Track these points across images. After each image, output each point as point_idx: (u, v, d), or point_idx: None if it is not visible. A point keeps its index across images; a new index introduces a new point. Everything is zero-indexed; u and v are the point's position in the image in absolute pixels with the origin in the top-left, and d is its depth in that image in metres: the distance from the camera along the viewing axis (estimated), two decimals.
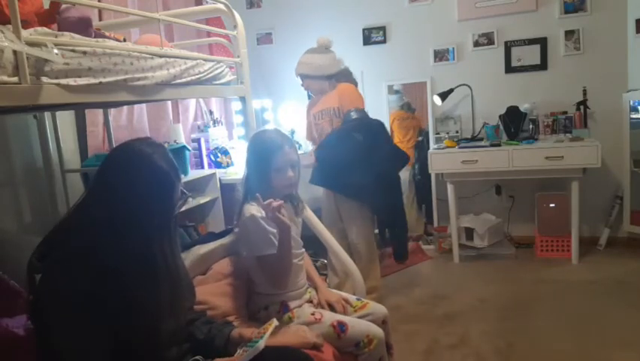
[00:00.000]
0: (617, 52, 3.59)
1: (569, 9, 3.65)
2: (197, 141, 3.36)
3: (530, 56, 3.77)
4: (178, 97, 2.46)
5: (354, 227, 2.79)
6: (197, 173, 3.10)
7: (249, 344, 1.32)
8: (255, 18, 4.27)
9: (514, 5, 3.73)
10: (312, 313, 1.71)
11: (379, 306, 1.91)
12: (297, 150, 1.77)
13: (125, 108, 2.84)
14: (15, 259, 1.38)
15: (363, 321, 1.76)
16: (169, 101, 3.22)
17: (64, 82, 1.19)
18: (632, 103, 3.50)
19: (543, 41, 3.73)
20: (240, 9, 4.21)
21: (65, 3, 1.43)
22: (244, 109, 2.24)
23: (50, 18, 1.43)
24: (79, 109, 2.45)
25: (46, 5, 1.44)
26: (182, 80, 1.68)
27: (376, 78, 4.09)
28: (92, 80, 1.27)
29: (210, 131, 3.49)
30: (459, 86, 3.84)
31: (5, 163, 2.14)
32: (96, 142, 2.62)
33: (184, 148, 2.87)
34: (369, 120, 2.82)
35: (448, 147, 3.62)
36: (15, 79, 1.06)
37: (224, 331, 1.42)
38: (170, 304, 1.26)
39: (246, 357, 1.25)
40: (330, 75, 2.87)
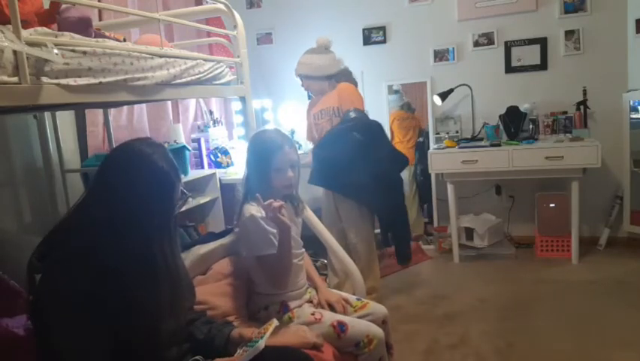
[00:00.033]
0: (617, 52, 3.59)
1: (569, 9, 3.65)
2: (197, 141, 3.36)
3: (530, 56, 3.77)
4: (178, 97, 2.46)
5: (353, 227, 2.79)
6: (197, 173, 3.10)
7: (249, 344, 1.32)
8: (255, 18, 4.27)
9: (514, 5, 3.73)
10: (312, 313, 1.71)
11: (379, 306, 1.91)
12: (297, 150, 1.77)
13: (125, 108, 2.84)
14: (15, 259, 1.38)
15: (363, 321, 1.76)
16: (169, 101, 3.22)
17: (64, 82, 1.19)
18: (632, 103, 3.50)
19: (543, 41, 3.73)
20: (240, 9, 4.21)
21: (65, 3, 1.43)
22: (244, 109, 2.24)
23: (50, 18, 1.43)
24: (79, 109, 2.45)
25: (46, 5, 1.44)
26: (182, 80, 1.68)
27: (376, 78, 4.09)
28: (92, 80, 1.27)
29: (210, 131, 3.50)
30: (459, 86, 3.84)
31: (5, 163, 2.14)
32: (96, 142, 2.62)
33: (184, 148, 2.87)
34: (367, 120, 2.82)
35: (448, 147, 3.63)
36: (15, 79, 1.06)
37: (224, 331, 1.42)
38: (170, 304, 1.26)
39: (246, 357, 1.25)
40: (330, 75, 2.87)
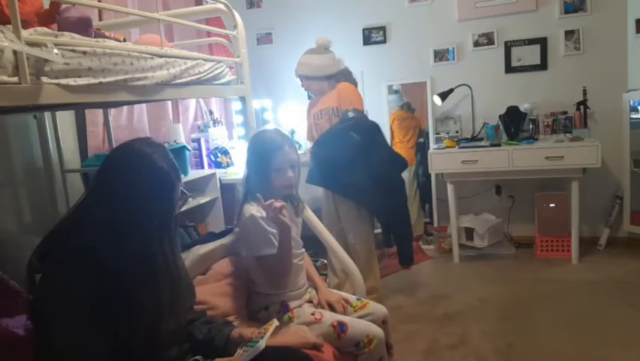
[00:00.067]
0: (617, 52, 3.59)
1: (569, 9, 3.65)
2: (197, 141, 3.36)
3: (530, 56, 3.77)
4: (178, 97, 2.46)
5: (352, 227, 2.79)
6: (197, 173, 3.09)
7: (249, 344, 1.32)
8: (255, 18, 4.27)
9: (514, 5, 3.73)
10: (312, 313, 1.71)
11: (379, 306, 1.91)
12: (297, 150, 1.77)
13: (125, 108, 2.84)
14: (15, 259, 1.38)
15: (363, 321, 1.76)
16: (169, 101, 3.22)
17: (64, 82, 1.19)
18: (632, 103, 3.50)
19: (543, 41, 3.73)
20: (240, 9, 4.21)
21: (65, 3, 1.43)
22: (244, 109, 2.24)
23: (50, 18, 1.43)
24: (79, 109, 2.45)
25: (46, 5, 1.44)
26: (182, 80, 1.68)
27: (376, 78, 4.09)
28: (92, 80, 1.27)
29: (210, 131, 3.49)
30: (459, 86, 3.85)
31: (5, 163, 2.14)
32: (96, 142, 2.62)
33: (184, 148, 2.87)
34: (366, 121, 2.81)
35: (448, 147, 3.63)
36: (15, 79, 1.06)
37: (223, 331, 1.42)
38: (170, 304, 1.26)
39: (247, 357, 1.25)
40: (330, 75, 2.87)
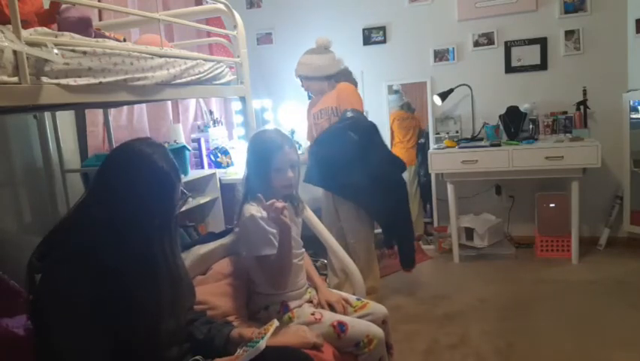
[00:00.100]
0: (617, 52, 3.59)
1: (569, 9, 3.65)
2: (197, 141, 3.36)
3: (530, 56, 3.77)
4: (178, 97, 2.46)
5: (352, 228, 2.79)
6: (197, 173, 3.09)
7: (249, 344, 1.32)
8: (255, 18, 4.27)
9: (514, 5, 3.73)
10: (312, 313, 1.71)
11: (379, 306, 1.91)
12: (297, 150, 1.77)
13: (125, 108, 2.84)
14: (15, 259, 1.38)
15: (363, 321, 1.76)
16: (169, 101, 3.22)
17: (64, 82, 1.19)
18: (632, 103, 3.50)
19: (543, 41, 3.73)
20: (240, 9, 4.21)
21: (65, 3, 1.43)
22: (244, 109, 2.24)
23: (50, 18, 1.43)
24: (79, 109, 2.45)
25: (46, 5, 1.44)
26: (182, 80, 1.68)
27: (376, 78, 4.09)
28: (92, 80, 1.27)
29: (210, 131, 3.49)
30: (459, 86, 3.85)
31: (5, 163, 2.14)
32: (96, 142, 2.62)
33: (184, 148, 2.86)
34: (363, 121, 2.79)
35: (448, 147, 3.63)
36: (15, 79, 1.06)
37: (223, 331, 1.42)
38: (170, 304, 1.26)
39: (247, 357, 1.25)
40: (329, 76, 2.87)
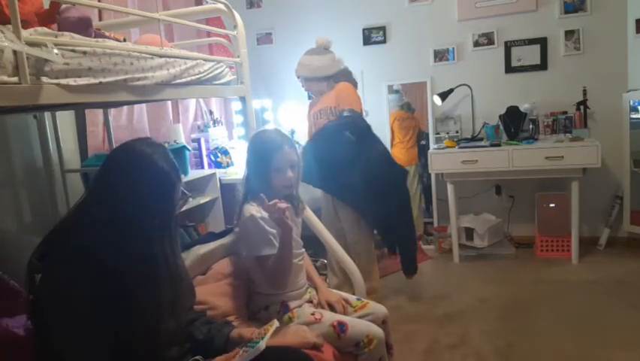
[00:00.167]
0: (617, 52, 3.59)
1: (569, 9, 3.65)
2: (197, 141, 3.36)
3: (530, 56, 3.77)
4: (178, 97, 2.46)
5: (351, 228, 2.78)
6: (197, 173, 3.09)
7: (249, 344, 1.31)
8: (255, 18, 4.27)
9: (514, 5, 3.73)
10: (312, 313, 1.71)
11: (379, 306, 1.91)
12: (297, 150, 1.77)
13: (125, 108, 2.84)
14: (15, 259, 1.38)
15: (363, 321, 1.76)
16: (169, 101, 3.22)
17: (64, 82, 1.19)
18: (632, 103, 3.50)
19: (543, 41, 3.73)
20: (240, 9, 4.21)
21: (65, 3, 1.43)
22: (244, 109, 2.24)
23: (50, 18, 1.43)
24: (79, 109, 2.45)
25: (46, 5, 1.44)
26: (182, 80, 1.68)
27: (376, 78, 4.09)
28: (92, 80, 1.27)
29: (210, 131, 3.49)
30: (459, 86, 3.85)
31: (5, 163, 2.14)
32: (96, 142, 2.62)
33: (184, 148, 2.86)
34: (360, 122, 2.76)
35: (448, 147, 3.63)
36: (15, 79, 1.06)
37: (223, 331, 1.42)
38: (171, 304, 1.26)
39: (247, 357, 1.25)
40: (328, 76, 2.87)
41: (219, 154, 3.39)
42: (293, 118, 4.09)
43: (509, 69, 3.83)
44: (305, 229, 1.94)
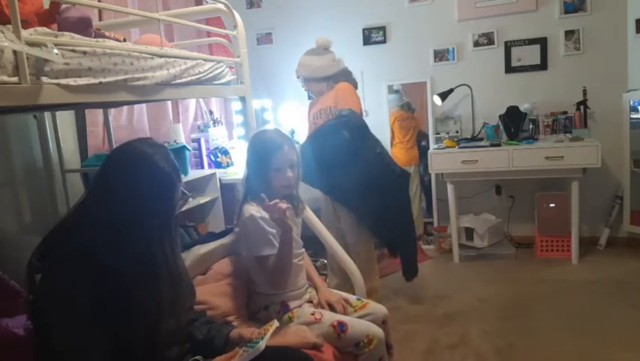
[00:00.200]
0: (617, 52, 3.59)
1: (569, 9, 3.65)
2: (197, 141, 3.36)
3: (530, 56, 3.77)
4: (178, 97, 2.46)
5: (351, 228, 2.77)
6: (197, 173, 3.09)
7: (249, 344, 1.31)
8: (255, 18, 4.27)
9: (514, 5, 3.73)
10: (312, 313, 1.71)
11: (379, 306, 1.91)
12: (297, 151, 1.77)
13: (125, 108, 2.84)
14: (15, 259, 1.38)
15: (363, 321, 1.76)
16: (169, 101, 3.21)
17: (64, 82, 1.19)
18: (632, 103, 3.50)
19: (543, 41, 3.73)
20: (240, 9, 4.21)
21: (65, 3, 1.43)
22: (244, 109, 2.24)
23: (50, 18, 1.43)
24: (79, 109, 2.45)
25: (46, 5, 1.44)
26: (182, 80, 1.68)
27: (376, 78, 4.09)
28: (92, 80, 1.27)
29: (210, 131, 3.49)
30: (459, 86, 3.85)
31: (5, 163, 2.14)
32: (96, 142, 2.62)
33: (184, 148, 2.86)
34: (358, 122, 2.71)
35: (448, 147, 3.63)
36: (15, 79, 1.06)
37: (223, 331, 1.42)
38: (171, 304, 1.26)
39: (246, 357, 1.25)
40: (328, 76, 2.86)
41: (219, 154, 3.39)
42: (293, 118, 4.09)
43: (509, 69, 3.83)
44: (305, 229, 1.94)
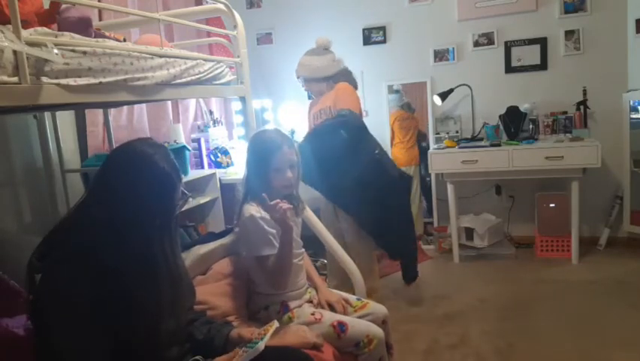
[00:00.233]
0: (617, 52, 3.59)
1: (569, 9, 3.65)
2: (197, 141, 3.36)
3: (530, 56, 3.77)
4: (178, 97, 2.46)
5: (350, 228, 2.76)
6: (197, 173, 3.09)
7: (248, 345, 1.31)
8: (255, 18, 4.27)
9: (514, 5, 3.73)
10: (312, 313, 1.71)
11: (379, 306, 1.91)
12: (297, 151, 1.77)
13: (125, 108, 2.84)
14: (15, 259, 1.38)
15: (363, 321, 1.76)
16: (169, 101, 3.22)
17: (64, 82, 1.19)
18: (632, 103, 3.50)
19: (543, 41, 3.73)
20: (240, 9, 4.21)
21: (65, 3, 1.43)
22: (244, 109, 2.24)
23: (50, 18, 1.43)
24: (79, 109, 2.45)
25: (46, 5, 1.44)
26: (182, 80, 1.68)
27: (376, 78, 4.09)
28: (92, 80, 1.27)
29: (210, 131, 3.50)
30: (459, 86, 3.85)
31: (5, 163, 2.14)
32: (96, 142, 2.62)
33: (184, 148, 2.86)
34: (356, 122, 2.69)
35: (448, 147, 3.62)
36: (15, 79, 1.06)
37: (223, 331, 1.42)
38: (171, 304, 1.26)
39: (246, 358, 1.25)
40: (328, 77, 2.86)
41: (219, 154, 3.39)
42: (293, 118, 4.09)
43: (509, 69, 3.83)
44: (305, 229, 1.95)
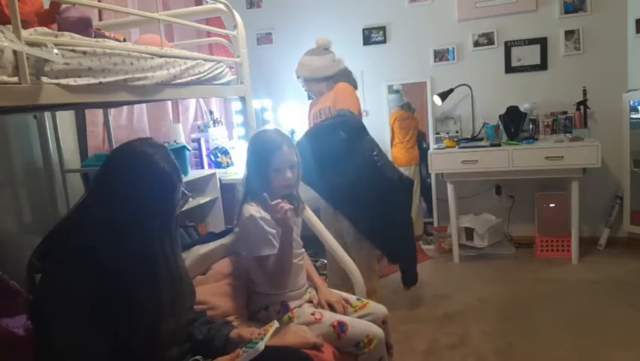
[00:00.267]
0: (617, 52, 3.59)
1: (569, 9, 3.65)
2: (197, 141, 3.36)
3: (530, 56, 3.77)
4: (178, 97, 2.46)
5: (350, 228, 2.76)
6: (197, 173, 3.09)
7: (248, 345, 1.31)
8: (255, 18, 4.27)
9: (514, 5, 3.73)
10: (312, 313, 1.71)
11: (379, 306, 1.91)
12: (297, 151, 1.77)
13: (125, 108, 2.84)
14: (15, 259, 1.38)
15: (363, 321, 1.76)
16: (169, 101, 3.22)
17: (64, 82, 1.19)
18: (632, 103, 3.50)
19: (543, 41, 3.73)
20: (240, 9, 4.21)
21: (65, 3, 1.43)
22: (244, 109, 2.24)
23: (50, 18, 1.43)
24: (79, 109, 2.45)
25: (46, 5, 1.44)
26: (182, 80, 1.68)
27: (376, 78, 4.10)
28: (92, 80, 1.27)
29: (210, 131, 3.50)
30: (459, 86, 3.85)
31: (5, 163, 2.14)
32: (96, 142, 2.62)
33: (184, 148, 2.86)
34: (354, 122, 2.68)
35: (448, 147, 3.63)
36: (15, 79, 1.06)
37: (222, 331, 1.42)
38: (171, 304, 1.26)
39: (246, 358, 1.25)
40: (328, 77, 2.86)
41: (219, 154, 3.39)
42: (293, 118, 4.09)
43: (509, 69, 3.83)
44: (305, 229, 1.94)
